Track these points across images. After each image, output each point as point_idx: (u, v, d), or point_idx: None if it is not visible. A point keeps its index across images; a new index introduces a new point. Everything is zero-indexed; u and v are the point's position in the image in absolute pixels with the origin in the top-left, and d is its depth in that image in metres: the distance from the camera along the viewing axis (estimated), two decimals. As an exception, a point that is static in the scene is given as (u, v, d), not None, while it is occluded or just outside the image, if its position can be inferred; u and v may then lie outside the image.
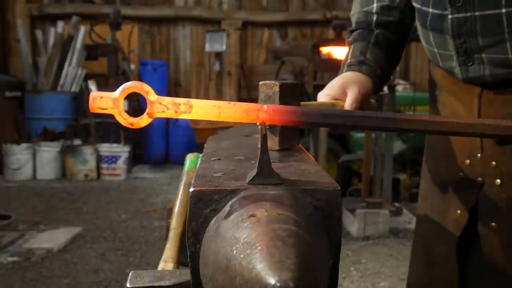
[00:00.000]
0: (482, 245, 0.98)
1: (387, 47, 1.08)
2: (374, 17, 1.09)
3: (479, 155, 0.98)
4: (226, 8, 9.19)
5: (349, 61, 1.06)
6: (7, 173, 6.62)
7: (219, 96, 9.00)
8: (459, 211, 1.02)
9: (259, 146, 0.63)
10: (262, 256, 0.46)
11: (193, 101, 0.63)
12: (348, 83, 0.98)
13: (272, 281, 0.44)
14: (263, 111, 0.64)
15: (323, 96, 0.98)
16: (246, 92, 8.61)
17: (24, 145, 6.66)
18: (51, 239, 3.94)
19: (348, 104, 0.95)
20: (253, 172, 0.62)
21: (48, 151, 6.69)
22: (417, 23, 1.04)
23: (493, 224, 0.96)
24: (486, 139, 0.95)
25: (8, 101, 7.08)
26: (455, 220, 1.03)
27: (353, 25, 1.13)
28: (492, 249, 0.97)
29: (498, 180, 0.96)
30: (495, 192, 0.96)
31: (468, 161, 1.00)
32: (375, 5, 1.10)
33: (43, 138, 6.88)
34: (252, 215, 0.52)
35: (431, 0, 0.96)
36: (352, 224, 4.32)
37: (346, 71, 1.04)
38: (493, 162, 0.96)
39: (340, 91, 0.97)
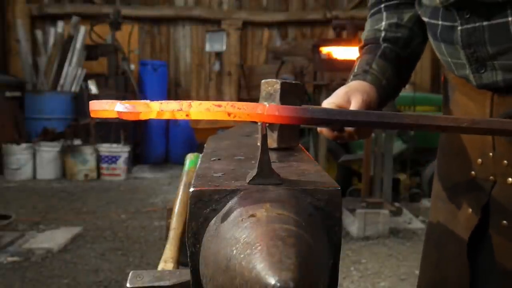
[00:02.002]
0: (492, 244, 0.98)
1: (394, 61, 1.09)
2: (382, 34, 1.12)
3: (491, 154, 0.98)
4: (226, 8, 9.20)
5: (355, 71, 1.08)
6: (7, 173, 6.62)
7: (219, 96, 9.01)
8: (470, 210, 1.02)
9: (259, 145, 0.63)
10: (262, 256, 0.46)
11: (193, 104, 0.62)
12: (352, 92, 0.99)
13: (272, 281, 0.44)
14: (265, 111, 0.63)
15: (327, 104, 0.98)
16: (246, 92, 8.61)
17: (24, 145, 6.66)
18: (51, 239, 3.94)
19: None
20: (253, 172, 0.62)
21: (48, 151, 6.69)
22: (429, 36, 1.05)
23: (504, 222, 0.97)
24: (498, 138, 0.96)
25: (8, 101, 7.08)
26: (466, 219, 1.03)
27: (363, 42, 1.16)
28: (502, 248, 0.97)
29: (510, 179, 0.96)
30: (507, 190, 0.97)
31: (480, 160, 1.01)
32: (383, 23, 1.13)
33: (43, 138, 6.88)
34: (252, 215, 0.52)
35: (440, 13, 0.97)
36: (352, 224, 4.32)
37: (351, 80, 1.06)
38: (505, 161, 0.96)
39: (344, 99, 0.98)
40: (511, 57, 0.90)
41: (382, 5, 1.14)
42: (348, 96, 0.98)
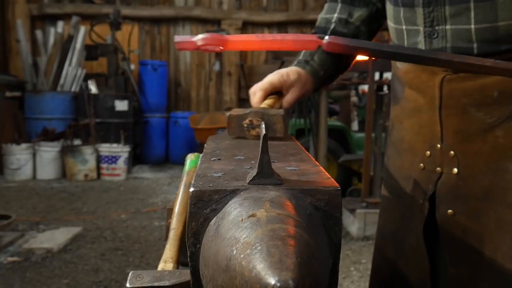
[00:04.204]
0: (440, 232, 1.02)
1: (336, 55, 1.17)
2: (332, 26, 1.21)
3: (438, 145, 1.02)
4: (226, 8, 9.20)
5: (299, 58, 1.19)
6: (7, 173, 6.62)
7: (219, 96, 9.01)
8: (421, 201, 1.06)
9: (260, 145, 0.63)
10: (262, 256, 0.46)
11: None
12: (293, 82, 1.11)
13: (272, 281, 0.44)
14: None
15: (263, 83, 1.10)
16: (246, 92, 8.61)
17: (24, 145, 6.66)
18: (51, 239, 3.94)
19: (286, 102, 1.11)
20: (253, 172, 0.62)
21: (48, 151, 6.69)
22: (389, 7, 1.10)
23: (450, 211, 1.00)
24: (446, 129, 1.00)
25: (8, 101, 7.09)
26: (419, 211, 1.07)
27: (315, 27, 1.26)
28: (450, 236, 1.01)
29: (456, 169, 1.00)
30: (452, 180, 1.00)
31: (428, 152, 1.05)
32: (335, 15, 1.22)
33: (43, 138, 6.88)
34: (252, 215, 0.52)
35: None
36: (352, 224, 4.32)
37: (294, 65, 1.17)
38: (452, 152, 1.00)
39: (281, 81, 1.11)
40: (466, 20, 0.94)
41: None
42: (288, 84, 1.11)
